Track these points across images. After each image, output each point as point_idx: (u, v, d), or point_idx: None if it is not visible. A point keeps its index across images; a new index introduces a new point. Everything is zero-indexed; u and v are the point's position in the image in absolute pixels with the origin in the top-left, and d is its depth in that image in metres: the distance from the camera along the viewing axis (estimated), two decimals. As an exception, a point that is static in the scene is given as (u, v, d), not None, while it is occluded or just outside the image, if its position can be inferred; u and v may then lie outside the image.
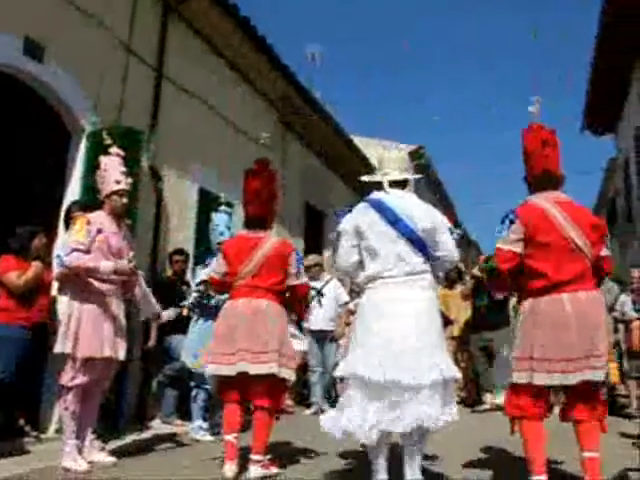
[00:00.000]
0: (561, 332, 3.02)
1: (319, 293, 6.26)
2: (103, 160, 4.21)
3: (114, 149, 4.25)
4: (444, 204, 18.83)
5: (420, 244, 3.31)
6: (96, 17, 5.72)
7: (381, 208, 3.36)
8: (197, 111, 7.35)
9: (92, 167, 5.59)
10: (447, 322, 7.14)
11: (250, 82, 8.65)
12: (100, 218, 4.04)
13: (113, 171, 4.15)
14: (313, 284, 6.05)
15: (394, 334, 3.14)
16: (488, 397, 7.28)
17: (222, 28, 7.50)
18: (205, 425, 5.23)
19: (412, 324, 3.17)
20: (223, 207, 5.37)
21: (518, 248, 3.19)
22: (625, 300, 7.19)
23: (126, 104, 6.05)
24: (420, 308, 3.23)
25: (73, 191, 5.56)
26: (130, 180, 4.27)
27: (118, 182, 4.13)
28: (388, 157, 3.60)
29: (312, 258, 7.50)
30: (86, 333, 3.83)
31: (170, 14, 6.88)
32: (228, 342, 3.69)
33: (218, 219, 5.27)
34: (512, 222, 3.21)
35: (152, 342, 5.80)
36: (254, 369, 3.63)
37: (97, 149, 5.60)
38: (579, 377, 2.99)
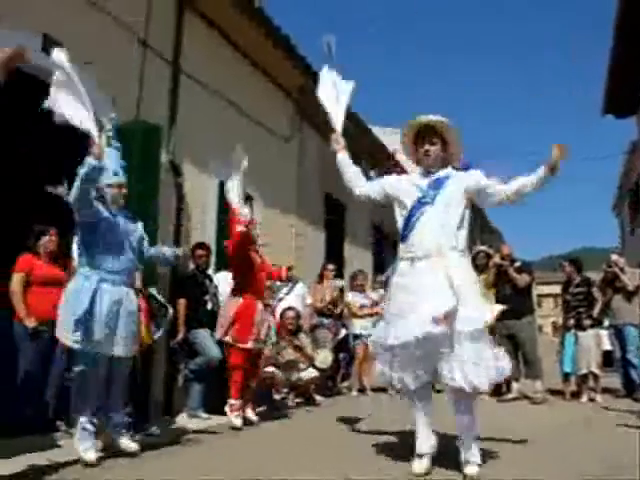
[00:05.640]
0: None
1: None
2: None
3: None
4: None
5: None
6: (113, 13, 5.73)
7: None
8: (214, 105, 7.34)
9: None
10: None
11: (267, 74, 8.63)
12: None
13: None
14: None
15: None
16: (515, 386, 7.22)
17: (237, 20, 7.44)
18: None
19: None
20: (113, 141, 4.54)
21: None
22: None
23: (144, 99, 6.05)
24: None
25: (94, 189, 5.56)
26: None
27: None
28: None
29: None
30: None
31: (185, 8, 6.86)
32: None
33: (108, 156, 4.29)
34: None
35: (181, 336, 5.85)
36: None
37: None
38: None
